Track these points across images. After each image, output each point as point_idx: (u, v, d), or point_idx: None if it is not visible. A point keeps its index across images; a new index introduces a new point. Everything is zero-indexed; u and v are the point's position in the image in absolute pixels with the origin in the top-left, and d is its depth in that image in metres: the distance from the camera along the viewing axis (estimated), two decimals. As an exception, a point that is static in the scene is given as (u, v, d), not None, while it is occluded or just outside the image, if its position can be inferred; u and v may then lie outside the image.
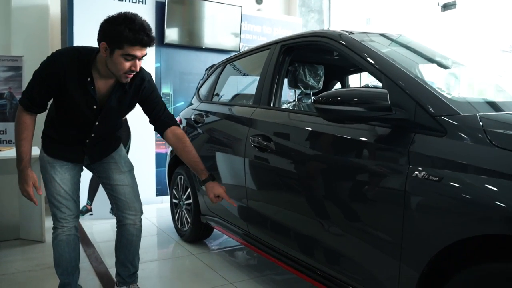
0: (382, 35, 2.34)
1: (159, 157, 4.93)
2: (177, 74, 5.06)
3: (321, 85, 2.94)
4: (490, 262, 1.26)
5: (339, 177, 1.83)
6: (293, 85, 2.85)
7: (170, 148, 3.67)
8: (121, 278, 2.35)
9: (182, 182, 3.43)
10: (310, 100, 3.09)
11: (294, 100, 2.98)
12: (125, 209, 2.25)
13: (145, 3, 4.79)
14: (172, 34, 4.89)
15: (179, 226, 3.55)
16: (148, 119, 2.26)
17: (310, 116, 2.16)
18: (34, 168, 2.19)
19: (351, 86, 3.84)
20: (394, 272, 1.54)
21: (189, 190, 3.30)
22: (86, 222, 4.13)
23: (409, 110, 1.56)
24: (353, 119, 1.62)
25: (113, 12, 1.82)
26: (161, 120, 2.20)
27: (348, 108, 1.56)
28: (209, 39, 5.13)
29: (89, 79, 1.91)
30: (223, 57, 5.32)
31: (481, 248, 1.35)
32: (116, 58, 1.82)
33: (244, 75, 3.35)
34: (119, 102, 2.04)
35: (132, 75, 1.91)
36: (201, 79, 3.73)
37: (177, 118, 3.66)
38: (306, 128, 2.10)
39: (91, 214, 4.26)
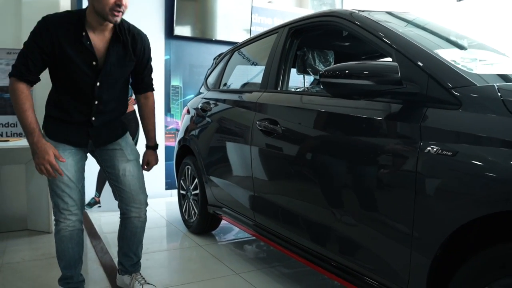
0: (390, 13, 2.24)
1: (168, 150, 4.88)
2: (187, 66, 5.01)
3: (331, 71, 2.85)
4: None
5: (348, 160, 1.73)
6: (301, 70, 2.76)
7: (180, 134, 3.60)
8: (124, 267, 2.27)
9: (189, 172, 3.37)
10: (320, 87, 3.00)
11: (303, 86, 2.89)
12: (130, 202, 2.12)
13: (154, -5, 4.75)
14: (181, 26, 4.84)
15: (186, 217, 3.48)
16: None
17: (318, 97, 2.07)
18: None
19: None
20: (405, 258, 1.44)
21: (196, 180, 3.23)
22: (94, 214, 4.10)
23: (421, 83, 1.47)
24: (362, 93, 1.53)
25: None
26: (144, 82, 2.17)
27: (356, 81, 1.48)
28: (219, 31, 5.06)
29: (84, 33, 1.81)
30: (234, 49, 5.28)
31: (497, 227, 1.25)
32: None
33: (252, 63, 3.28)
34: (118, 57, 1.93)
35: (120, 13, 1.79)
36: (209, 68, 3.66)
37: (185, 108, 3.60)
38: (314, 109, 2.01)
39: (99, 206, 4.23)
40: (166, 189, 4.90)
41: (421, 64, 1.50)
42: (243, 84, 3.36)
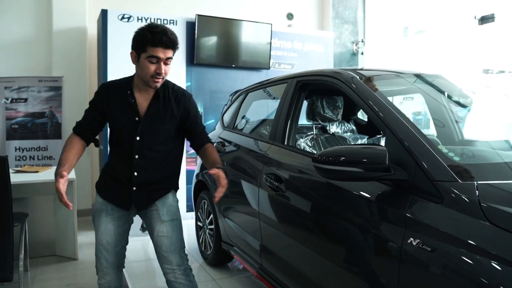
0: (418, 76, 2.30)
1: (189, 174, 5.05)
2: (207, 92, 5.16)
3: (339, 117, 2.92)
4: None
5: (342, 230, 1.83)
6: (310, 118, 2.85)
7: (197, 170, 3.75)
8: None
9: (205, 206, 3.51)
10: (328, 133, 3.08)
11: (312, 133, 2.97)
12: (163, 262, 2.15)
13: (176, 24, 4.91)
14: (202, 54, 5.00)
15: (203, 249, 3.63)
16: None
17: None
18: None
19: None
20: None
21: (211, 216, 3.37)
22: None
23: (409, 170, 1.54)
24: (352, 179, 1.62)
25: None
26: (199, 139, 2.22)
27: (345, 168, 1.56)
28: (239, 57, 5.19)
29: (129, 92, 2.06)
30: (254, 74, 5.39)
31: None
32: (142, 62, 1.96)
33: (267, 102, 3.39)
34: (157, 113, 2.08)
35: (160, 80, 1.99)
36: (225, 104, 3.79)
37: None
38: (313, 175, 2.07)
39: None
40: (187, 211, 5.06)
41: (410, 149, 1.58)
42: (258, 124, 3.46)
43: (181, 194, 4.97)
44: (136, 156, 2.06)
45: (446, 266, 1.30)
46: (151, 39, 1.91)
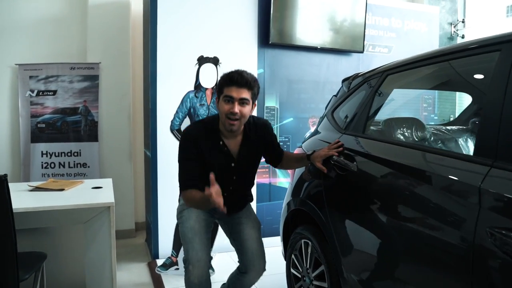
0: None
1: (260, 189, 3.86)
2: (284, 82, 3.95)
3: None
4: None
5: None
6: None
7: (288, 197, 2.58)
8: None
9: (308, 250, 2.30)
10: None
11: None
12: (249, 265, 2.21)
13: (246, -6, 3.74)
14: (278, 32, 3.78)
15: (301, 310, 2.42)
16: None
17: None
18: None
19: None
20: None
21: (322, 267, 2.16)
22: (170, 279, 3.18)
23: None
24: None
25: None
26: (278, 156, 2.31)
27: None
28: (324, 37, 3.96)
29: (221, 142, 2.07)
30: (342, 60, 4.14)
31: None
32: (220, 104, 2.00)
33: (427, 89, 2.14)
34: (249, 154, 2.15)
35: (235, 122, 1.97)
36: (334, 95, 2.55)
37: (297, 149, 2.58)
38: None
39: (177, 269, 3.29)
40: (256, 237, 3.88)
41: None
42: (417, 126, 2.21)
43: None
44: (231, 187, 2.14)
45: None
46: (225, 79, 1.97)
